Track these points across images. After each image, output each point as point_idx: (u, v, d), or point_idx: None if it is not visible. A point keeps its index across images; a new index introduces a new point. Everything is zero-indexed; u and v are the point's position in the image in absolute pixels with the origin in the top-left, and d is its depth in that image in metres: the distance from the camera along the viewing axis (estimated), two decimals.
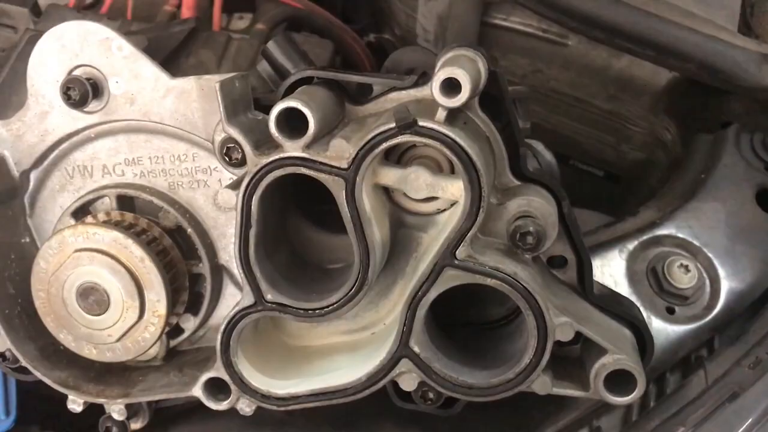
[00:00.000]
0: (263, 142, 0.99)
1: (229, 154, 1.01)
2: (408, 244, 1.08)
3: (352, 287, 0.98)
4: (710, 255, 1.31)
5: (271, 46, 1.12)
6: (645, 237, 1.35)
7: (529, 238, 0.96)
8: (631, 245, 1.34)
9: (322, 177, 0.96)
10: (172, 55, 1.39)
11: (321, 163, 0.95)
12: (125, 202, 1.13)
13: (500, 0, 1.62)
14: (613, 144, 1.73)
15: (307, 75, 1.03)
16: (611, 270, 1.33)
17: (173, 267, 1.11)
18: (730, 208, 1.31)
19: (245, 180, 0.97)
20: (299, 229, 1.12)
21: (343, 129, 1.00)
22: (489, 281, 0.97)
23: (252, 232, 0.99)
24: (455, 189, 0.98)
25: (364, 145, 0.94)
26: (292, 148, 0.95)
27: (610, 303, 1.08)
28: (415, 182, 0.99)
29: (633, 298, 1.29)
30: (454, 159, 0.92)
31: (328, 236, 1.11)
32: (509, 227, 0.98)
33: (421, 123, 0.92)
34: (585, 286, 1.06)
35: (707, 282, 1.30)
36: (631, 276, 1.32)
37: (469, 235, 0.95)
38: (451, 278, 0.98)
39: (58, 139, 1.10)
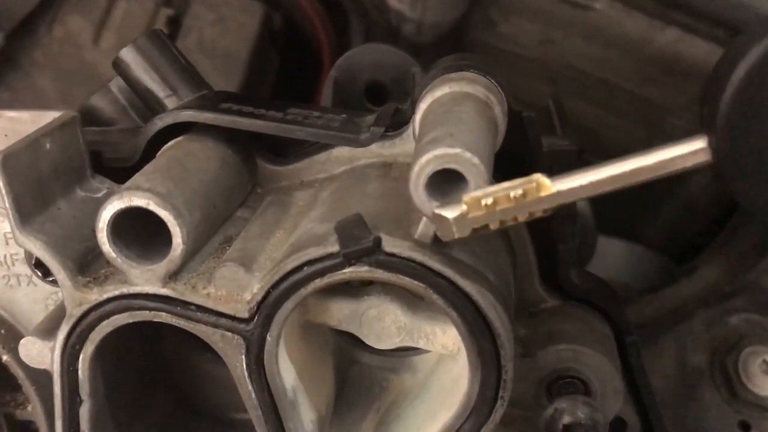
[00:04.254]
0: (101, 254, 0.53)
1: (44, 268, 0.56)
2: (367, 387, 0.66)
3: None
4: None
5: (128, 54, 0.63)
6: (708, 312, 0.97)
7: None
8: (688, 325, 0.96)
9: (201, 331, 0.51)
10: (27, 23, 1.08)
11: (199, 307, 0.51)
12: None
13: None
14: (644, 138, 1.39)
15: (183, 119, 0.57)
16: (660, 362, 0.95)
17: None
18: None
19: (61, 332, 0.52)
20: (185, 359, 0.68)
21: (249, 229, 0.55)
22: None
23: (85, 410, 0.55)
24: (448, 339, 0.55)
25: (279, 282, 0.49)
26: (145, 280, 0.50)
27: None
28: (377, 324, 0.55)
29: (691, 407, 0.91)
30: (453, 315, 0.48)
31: None
32: (543, 408, 0.56)
33: (388, 248, 0.48)
34: None
35: None
36: (688, 373, 0.95)
37: None
38: None
39: None
